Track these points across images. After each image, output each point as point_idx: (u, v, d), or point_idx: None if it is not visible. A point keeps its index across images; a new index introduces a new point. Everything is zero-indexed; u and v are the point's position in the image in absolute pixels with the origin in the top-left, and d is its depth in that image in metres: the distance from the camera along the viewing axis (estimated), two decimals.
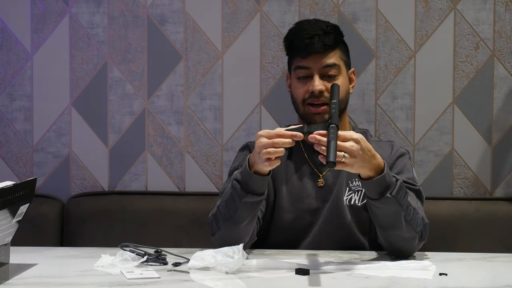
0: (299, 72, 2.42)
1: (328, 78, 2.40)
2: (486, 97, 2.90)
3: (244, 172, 2.18)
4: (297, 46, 2.42)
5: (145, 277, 1.97)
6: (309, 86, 2.39)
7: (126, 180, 2.99)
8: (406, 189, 2.17)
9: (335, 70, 2.40)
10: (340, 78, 2.42)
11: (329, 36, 2.41)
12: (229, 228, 2.23)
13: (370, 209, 2.20)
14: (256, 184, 2.18)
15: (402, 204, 2.15)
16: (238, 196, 2.19)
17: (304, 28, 2.44)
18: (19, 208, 2.05)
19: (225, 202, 2.23)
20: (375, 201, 2.15)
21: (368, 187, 2.15)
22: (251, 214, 2.22)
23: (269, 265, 2.10)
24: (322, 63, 2.40)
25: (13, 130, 3.01)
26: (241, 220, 2.22)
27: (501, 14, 2.88)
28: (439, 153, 2.91)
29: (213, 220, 2.28)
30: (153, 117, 2.97)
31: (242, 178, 2.19)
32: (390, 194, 2.12)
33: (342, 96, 2.39)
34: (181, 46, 2.95)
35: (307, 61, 2.40)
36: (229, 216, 2.22)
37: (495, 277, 2.06)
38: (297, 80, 2.43)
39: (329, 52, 2.41)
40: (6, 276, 1.98)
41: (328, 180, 2.42)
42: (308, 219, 2.41)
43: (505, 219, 2.78)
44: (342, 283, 1.96)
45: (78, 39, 2.98)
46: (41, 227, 2.84)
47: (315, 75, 2.39)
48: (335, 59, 2.41)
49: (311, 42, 2.39)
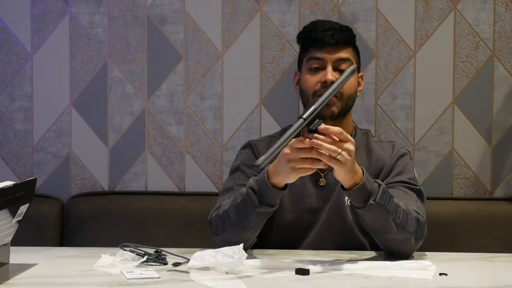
0: (313, 63, 2.43)
1: (340, 71, 2.41)
2: (486, 97, 2.90)
3: (262, 183, 2.17)
4: (314, 37, 2.44)
5: (145, 277, 1.97)
6: (322, 77, 2.40)
7: (126, 180, 2.99)
8: (390, 193, 2.17)
9: (347, 65, 2.41)
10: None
11: (344, 33, 2.45)
12: (236, 233, 2.23)
13: (360, 217, 2.21)
14: (272, 196, 2.18)
15: (388, 208, 2.15)
16: (252, 206, 2.19)
17: (321, 23, 2.48)
18: (19, 208, 2.05)
19: (235, 208, 2.23)
20: (361, 209, 2.16)
21: (352, 197, 2.16)
22: (260, 223, 2.24)
23: (269, 265, 2.10)
24: (336, 55, 2.42)
25: (13, 130, 3.01)
26: (250, 228, 2.23)
27: (501, 14, 2.88)
28: (439, 153, 2.91)
29: (218, 221, 2.28)
30: (153, 117, 2.97)
31: (258, 188, 2.18)
32: (373, 201, 2.12)
33: (351, 92, 2.42)
34: (181, 46, 2.95)
35: (322, 52, 2.42)
36: (238, 222, 2.22)
37: (495, 277, 2.06)
38: (308, 71, 2.44)
39: (343, 47, 2.43)
40: (6, 276, 1.98)
41: (330, 180, 2.42)
42: (309, 219, 2.41)
43: (505, 219, 2.78)
44: (342, 283, 1.96)
45: (78, 39, 2.98)
46: (41, 227, 2.83)
47: (329, 66, 2.41)
48: (349, 55, 2.44)
49: (327, 34, 2.42)
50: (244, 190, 2.22)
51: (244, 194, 2.20)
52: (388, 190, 2.17)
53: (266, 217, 2.23)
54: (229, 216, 2.24)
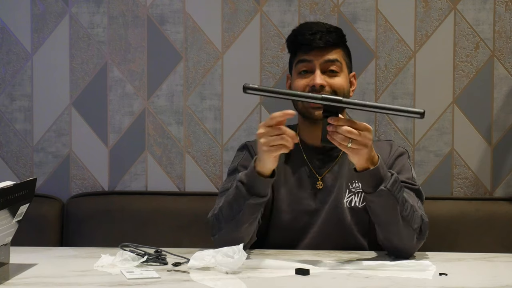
0: (301, 66, 2.43)
1: (329, 73, 2.40)
2: (486, 97, 2.90)
3: (250, 173, 2.19)
4: (301, 41, 2.43)
5: (145, 277, 1.97)
6: (310, 81, 2.40)
7: (126, 180, 2.99)
8: (401, 184, 2.18)
9: (336, 66, 2.41)
10: (341, 75, 2.42)
11: (332, 34, 2.43)
12: (230, 229, 2.23)
13: (367, 205, 2.22)
14: (261, 185, 2.18)
15: (398, 197, 2.15)
16: (242, 198, 2.19)
17: (308, 26, 2.47)
18: (19, 208, 2.05)
19: (227, 204, 2.24)
20: (370, 194, 2.16)
21: (363, 180, 2.17)
22: (253, 216, 2.23)
23: (269, 265, 2.10)
24: (324, 57, 2.41)
25: (13, 130, 3.01)
26: (244, 222, 2.23)
27: (501, 14, 2.88)
28: (439, 153, 2.91)
29: (214, 221, 2.29)
30: (153, 117, 2.97)
31: (247, 180, 2.19)
32: (384, 187, 2.13)
33: (343, 93, 2.40)
34: (181, 46, 2.95)
35: (309, 55, 2.41)
36: (231, 217, 2.22)
37: (495, 277, 2.06)
38: (298, 75, 2.44)
39: (331, 49, 2.42)
40: (6, 276, 1.98)
41: (327, 183, 2.42)
42: (305, 220, 2.41)
43: (505, 219, 2.78)
44: (342, 283, 1.96)
45: (78, 39, 2.98)
46: (41, 227, 2.83)
47: (317, 69, 2.40)
48: (337, 56, 2.43)
49: (314, 37, 2.41)
50: (234, 184, 2.23)
51: (234, 188, 2.22)
52: (400, 181, 2.18)
53: (258, 209, 2.22)
54: (223, 213, 2.25)
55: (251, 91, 2.17)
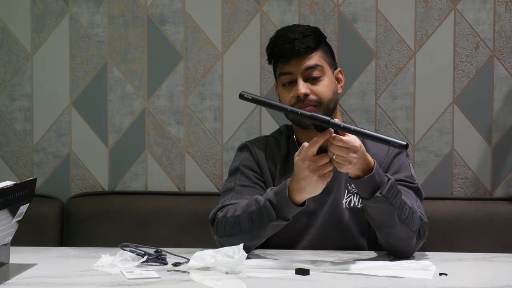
0: (283, 79, 2.43)
1: (312, 80, 2.40)
2: (486, 97, 2.90)
3: (282, 198, 2.17)
4: (278, 53, 2.43)
5: (145, 277, 1.97)
6: (294, 92, 2.40)
7: (126, 180, 2.99)
8: (398, 188, 2.18)
9: (318, 71, 2.40)
10: (325, 79, 2.42)
11: (308, 38, 2.42)
12: (244, 239, 2.20)
13: (364, 209, 2.22)
14: (291, 211, 2.19)
15: (394, 203, 2.15)
16: (268, 218, 2.19)
17: (283, 34, 2.45)
18: (19, 208, 2.05)
19: (248, 216, 2.22)
20: (366, 200, 2.16)
21: (358, 186, 2.18)
22: (271, 234, 2.25)
23: (269, 265, 2.11)
24: (303, 65, 2.40)
25: (13, 130, 3.01)
26: (262, 238, 2.25)
27: (501, 14, 2.88)
28: (439, 153, 2.91)
29: (225, 224, 2.27)
30: (153, 117, 2.97)
31: (277, 202, 2.18)
32: (380, 194, 2.13)
33: (328, 96, 2.40)
34: (181, 46, 2.95)
35: (289, 66, 2.41)
36: (249, 230, 2.22)
37: (495, 277, 2.07)
38: (282, 87, 2.44)
39: (309, 54, 2.41)
40: (6, 276, 1.98)
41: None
42: (304, 221, 2.40)
43: (505, 219, 2.77)
44: (342, 283, 1.96)
45: (78, 39, 2.98)
46: (41, 227, 2.83)
47: (299, 79, 2.40)
48: (317, 60, 2.41)
49: (291, 46, 2.40)
50: (260, 199, 2.21)
51: (262, 206, 2.20)
52: (397, 185, 2.18)
53: (278, 229, 2.24)
54: (241, 222, 2.23)
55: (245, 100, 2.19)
